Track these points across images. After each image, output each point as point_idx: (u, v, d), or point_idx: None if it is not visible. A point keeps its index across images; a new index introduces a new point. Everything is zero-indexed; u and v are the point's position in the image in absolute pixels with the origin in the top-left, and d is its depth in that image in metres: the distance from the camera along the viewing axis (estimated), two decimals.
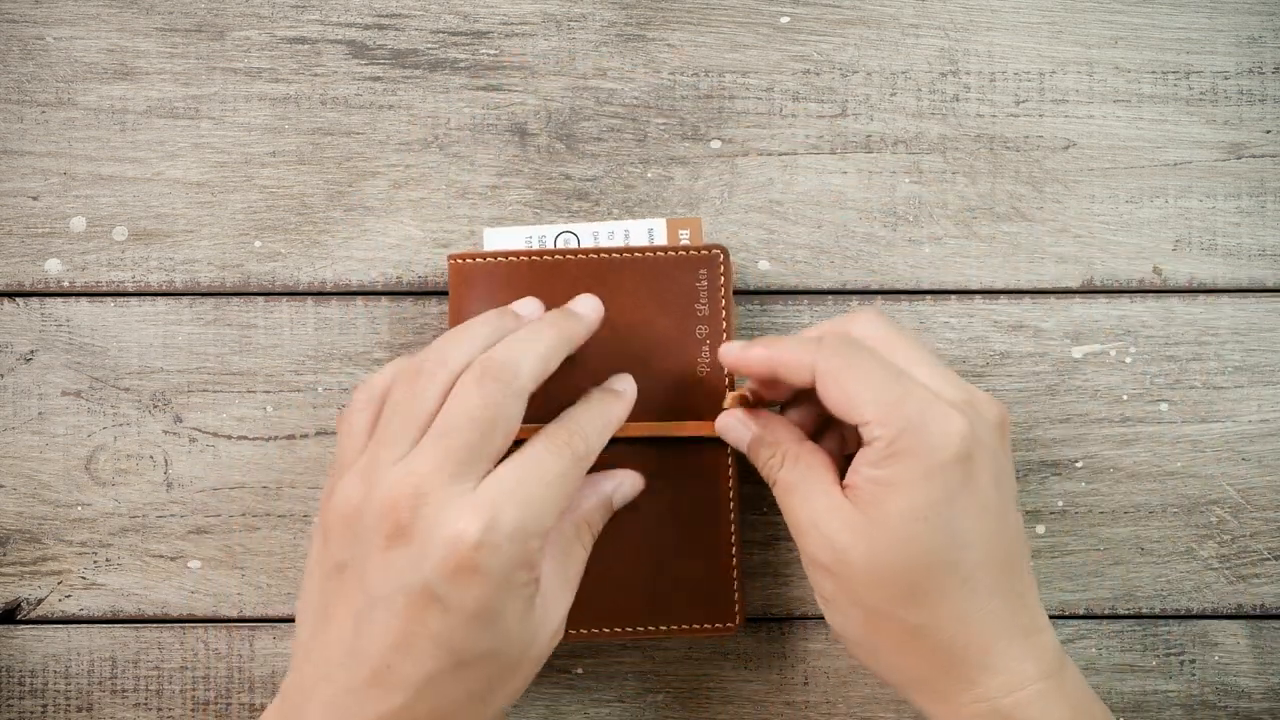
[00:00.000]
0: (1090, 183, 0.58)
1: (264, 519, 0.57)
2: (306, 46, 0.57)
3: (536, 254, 0.54)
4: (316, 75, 0.57)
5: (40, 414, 0.57)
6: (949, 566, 0.46)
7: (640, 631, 0.54)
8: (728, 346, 0.51)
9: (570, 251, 0.54)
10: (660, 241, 0.56)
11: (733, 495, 0.54)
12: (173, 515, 0.57)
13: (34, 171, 0.57)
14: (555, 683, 0.57)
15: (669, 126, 0.58)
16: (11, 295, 0.57)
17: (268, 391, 0.57)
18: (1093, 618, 0.57)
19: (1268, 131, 0.58)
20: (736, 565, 0.54)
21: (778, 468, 0.50)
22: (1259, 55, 0.58)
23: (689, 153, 0.57)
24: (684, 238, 0.56)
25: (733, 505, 0.54)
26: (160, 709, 0.57)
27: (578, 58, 0.58)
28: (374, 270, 0.57)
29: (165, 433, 0.57)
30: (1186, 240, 0.58)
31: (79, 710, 0.57)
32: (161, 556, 0.57)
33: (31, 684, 0.57)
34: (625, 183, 0.57)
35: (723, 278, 0.54)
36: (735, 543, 0.54)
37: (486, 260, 0.54)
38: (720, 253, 0.54)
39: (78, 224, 0.57)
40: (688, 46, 0.58)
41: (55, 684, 0.57)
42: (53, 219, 0.57)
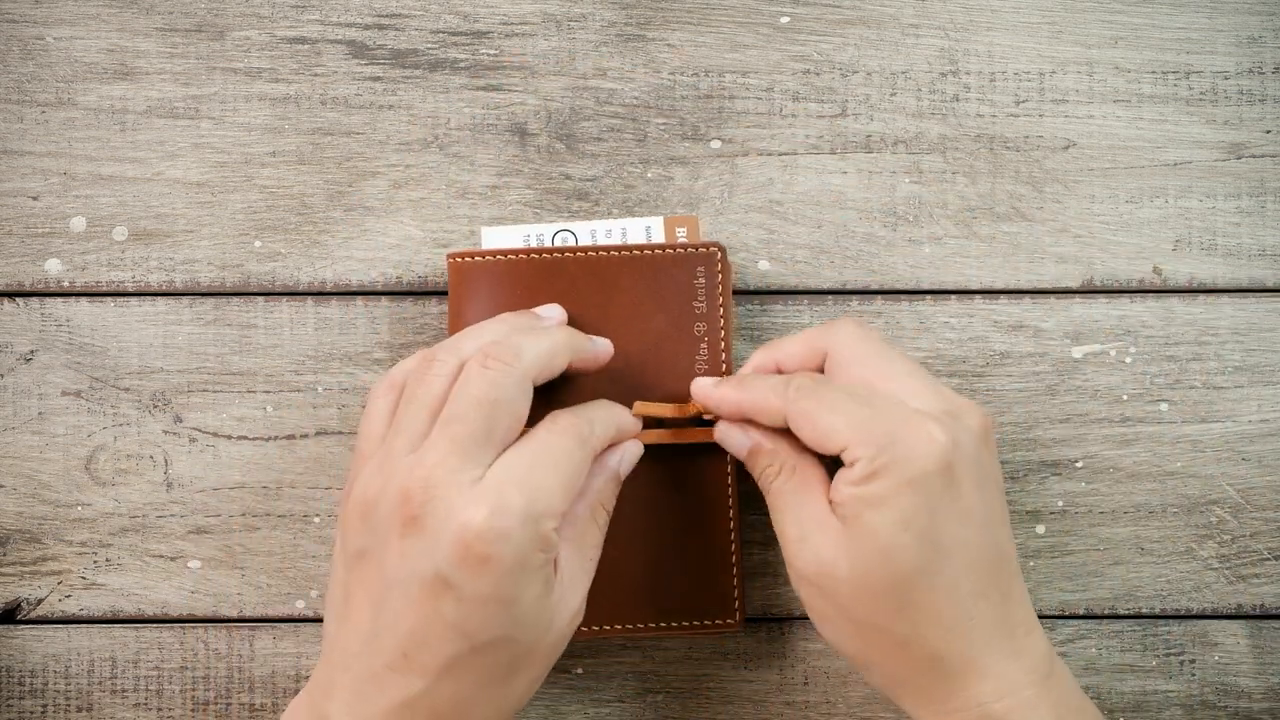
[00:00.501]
0: (1090, 183, 0.58)
1: (264, 519, 0.57)
2: (306, 46, 0.57)
3: (535, 252, 0.54)
4: (316, 75, 0.57)
5: (40, 414, 0.57)
6: (933, 576, 0.47)
7: (641, 630, 0.54)
8: (699, 382, 0.52)
9: (568, 250, 0.54)
10: (658, 239, 0.56)
11: (732, 494, 0.54)
12: (173, 515, 0.57)
13: (34, 171, 0.57)
14: (555, 683, 0.57)
15: (669, 126, 0.58)
16: (11, 295, 0.57)
17: (268, 391, 0.57)
18: (1093, 618, 0.57)
19: (1268, 131, 0.58)
20: (737, 564, 0.54)
21: (773, 478, 0.50)
22: (1259, 55, 0.58)
23: (689, 153, 0.57)
24: (681, 236, 0.56)
25: (732, 504, 0.54)
26: (160, 709, 0.57)
27: (578, 58, 0.58)
28: (374, 270, 0.57)
29: (165, 433, 0.57)
30: (1186, 240, 0.58)
31: (79, 710, 0.57)
32: (161, 556, 0.57)
33: (31, 684, 0.57)
34: (625, 183, 0.57)
35: (720, 275, 0.54)
36: (735, 541, 0.54)
37: (485, 259, 0.54)
38: (718, 250, 0.54)
39: (78, 224, 0.57)
40: (688, 46, 0.58)
41: (55, 684, 0.57)
42: (53, 219, 0.57)
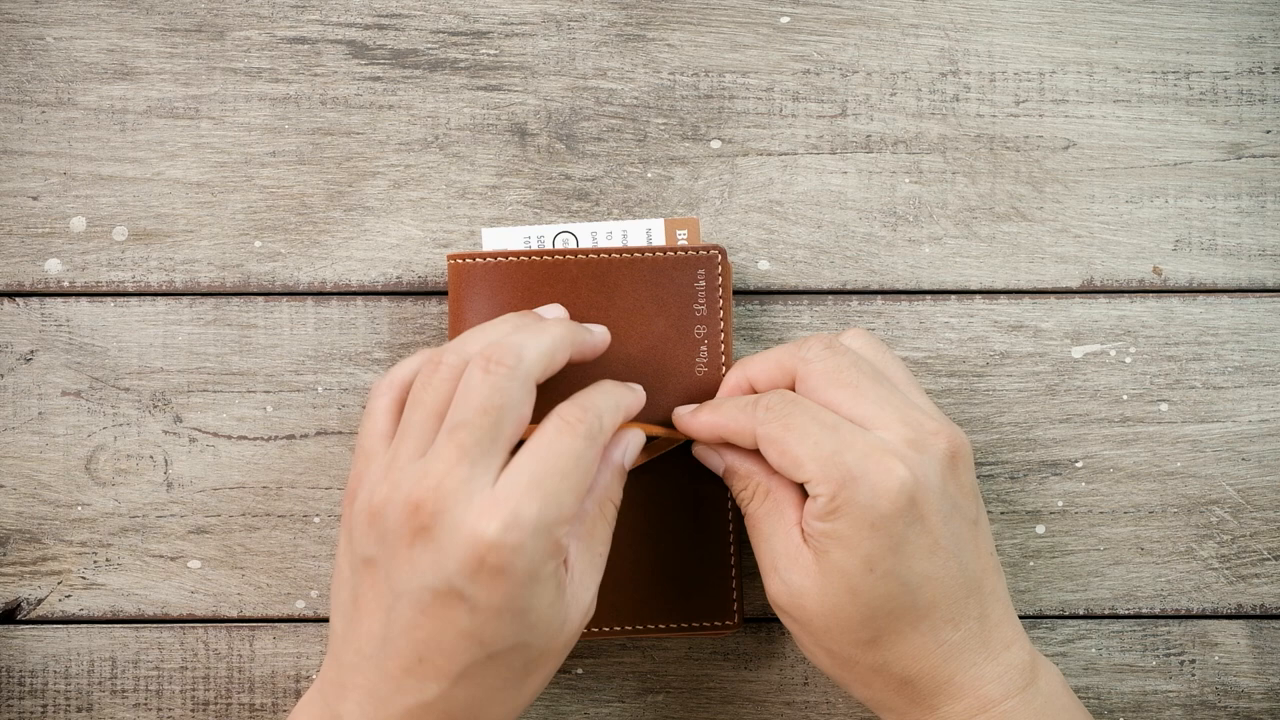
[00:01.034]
0: (1090, 183, 0.58)
1: (264, 519, 0.57)
2: (306, 46, 0.57)
3: (535, 254, 0.54)
4: (316, 75, 0.57)
5: (40, 414, 0.57)
6: (902, 611, 0.47)
7: (641, 631, 0.54)
8: (678, 411, 0.53)
9: (569, 252, 0.54)
10: (658, 242, 0.56)
11: (730, 495, 0.54)
12: (173, 515, 0.57)
13: (34, 171, 0.57)
14: (555, 683, 0.57)
15: (669, 126, 0.58)
16: (11, 295, 0.57)
17: (268, 391, 0.57)
18: (1093, 618, 0.57)
19: (1268, 131, 0.58)
20: (735, 566, 0.54)
21: (748, 500, 0.51)
22: (1259, 55, 0.58)
23: (689, 153, 0.57)
24: (682, 238, 0.56)
25: (731, 505, 0.54)
26: (160, 709, 0.57)
27: (578, 58, 0.58)
28: (374, 270, 0.57)
29: (165, 433, 0.57)
30: (1186, 240, 0.58)
31: (79, 710, 0.57)
32: (161, 556, 0.57)
33: (31, 684, 0.57)
34: (625, 183, 0.57)
35: (721, 278, 0.54)
36: (734, 542, 0.54)
37: (485, 260, 0.54)
38: (718, 253, 0.54)
39: (78, 224, 0.57)
40: (688, 46, 0.58)
41: (55, 684, 0.57)
42: (53, 219, 0.57)
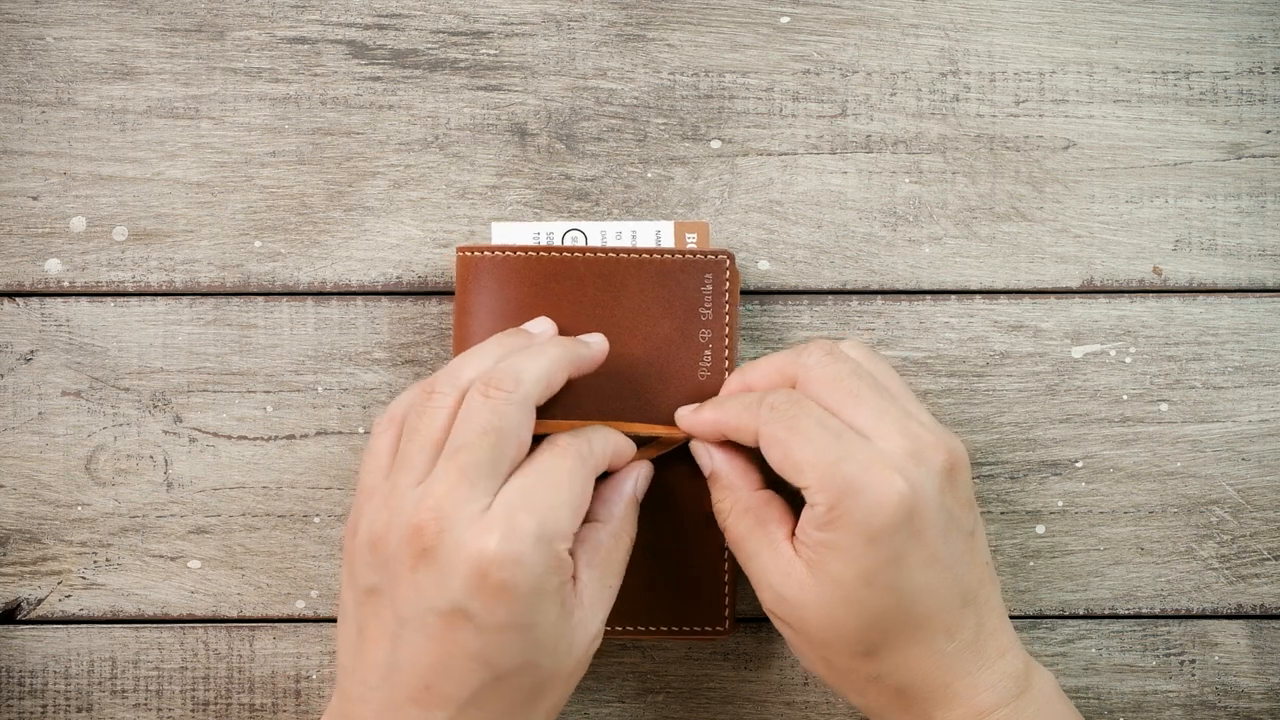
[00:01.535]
0: (1090, 183, 0.58)
1: (264, 519, 0.57)
2: (306, 46, 0.57)
3: (544, 250, 0.54)
4: (316, 75, 0.57)
5: (40, 414, 0.57)
6: (899, 624, 0.48)
7: (633, 633, 0.54)
8: (681, 411, 0.53)
9: (578, 250, 0.54)
10: (667, 244, 0.56)
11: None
12: (173, 515, 0.57)
13: (34, 171, 0.57)
14: None
15: (669, 126, 0.58)
16: (11, 295, 0.57)
17: (268, 391, 0.57)
18: (1093, 618, 0.57)
19: (1268, 131, 0.58)
20: (728, 570, 0.54)
21: (726, 513, 0.51)
22: (1259, 55, 0.58)
23: (689, 153, 0.57)
24: (691, 241, 0.56)
25: None
26: (160, 709, 0.57)
27: (578, 58, 0.58)
28: (374, 270, 0.57)
29: (165, 433, 0.57)
30: (1186, 240, 0.58)
31: (79, 710, 0.57)
32: (161, 556, 0.57)
33: (31, 684, 0.57)
34: (625, 183, 0.57)
35: (728, 282, 0.54)
36: (727, 548, 0.54)
37: (494, 254, 0.54)
38: (726, 258, 0.54)
39: (78, 224, 0.57)
40: (688, 46, 0.58)
41: (55, 684, 0.57)
42: (53, 219, 0.57)
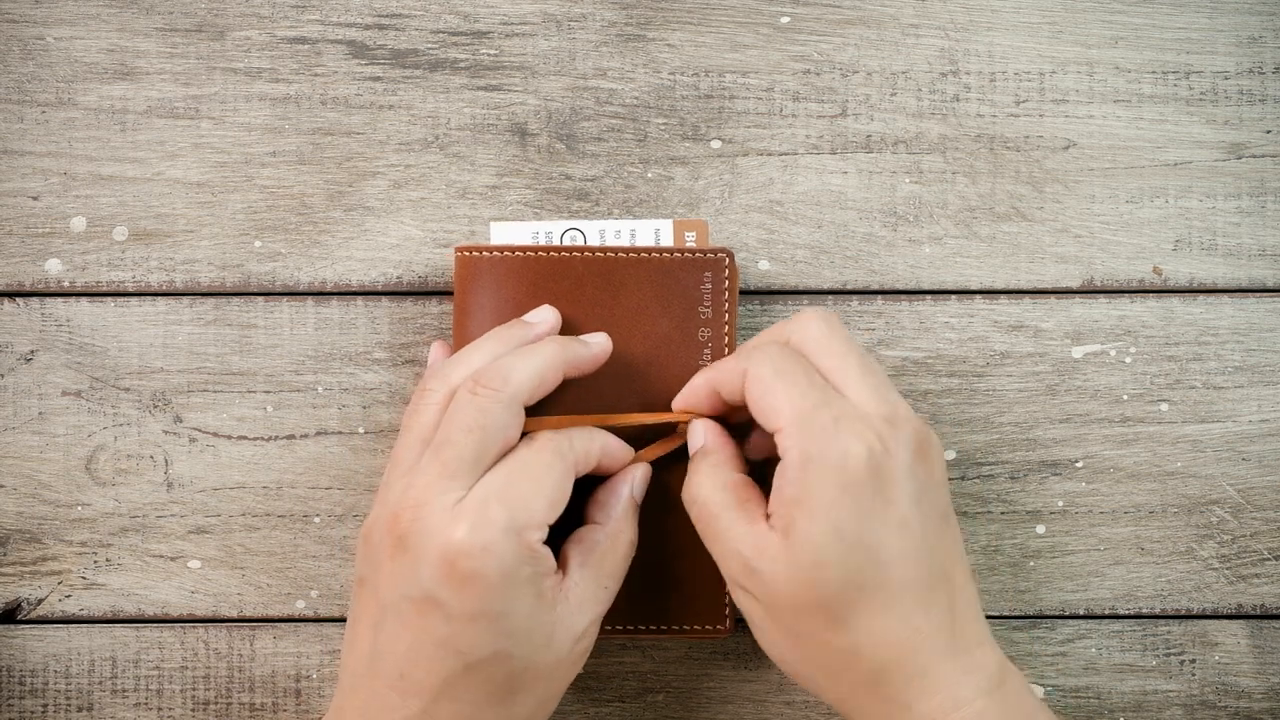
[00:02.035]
0: (1090, 183, 0.58)
1: (264, 519, 0.57)
2: (306, 46, 0.57)
3: (543, 250, 0.54)
4: (316, 75, 0.57)
5: (40, 414, 0.57)
6: (868, 586, 0.46)
7: (633, 631, 0.54)
8: (678, 398, 0.52)
9: (576, 249, 0.54)
10: (666, 243, 0.56)
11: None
12: (173, 515, 0.57)
13: (34, 171, 0.57)
14: None
15: (669, 126, 0.58)
16: (11, 295, 0.57)
17: (268, 391, 0.57)
18: (1093, 618, 0.57)
19: (1268, 131, 0.58)
20: None
21: (707, 489, 0.50)
22: (1259, 55, 0.58)
23: (689, 153, 0.57)
24: (690, 240, 0.56)
25: None
26: (160, 709, 0.57)
27: (578, 58, 0.58)
28: (374, 270, 0.57)
29: (165, 433, 0.57)
30: (1186, 240, 0.58)
31: (79, 710, 0.57)
32: (161, 556, 0.57)
33: (32, 684, 0.57)
34: (625, 183, 0.57)
35: (727, 281, 0.54)
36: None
37: (493, 254, 0.54)
38: (726, 256, 0.54)
39: (78, 224, 0.57)
40: (688, 46, 0.58)
41: (55, 684, 0.57)
42: (53, 219, 0.57)
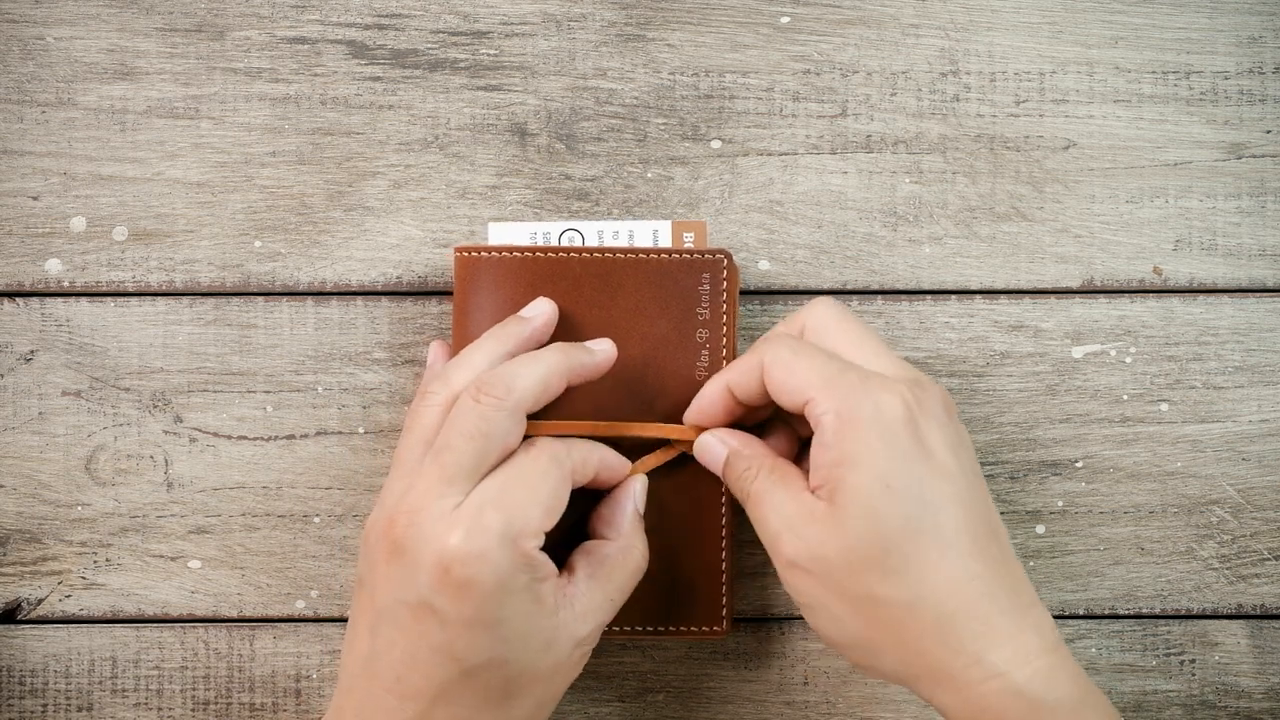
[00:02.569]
0: (1090, 183, 0.58)
1: (264, 519, 0.57)
2: (306, 46, 0.57)
3: (541, 250, 0.54)
4: (316, 75, 0.57)
5: (40, 414, 0.57)
6: (923, 532, 0.45)
7: (630, 632, 0.54)
8: (690, 411, 0.52)
9: (575, 250, 0.54)
10: (665, 243, 0.56)
11: (725, 500, 0.54)
12: (173, 515, 0.57)
13: (34, 171, 0.57)
14: None
15: (669, 126, 0.58)
16: (11, 295, 0.57)
17: (268, 391, 0.57)
18: (1093, 618, 0.57)
19: (1268, 131, 0.58)
20: (726, 570, 0.54)
21: (752, 479, 0.50)
22: (1259, 55, 0.58)
23: (689, 153, 0.57)
24: (688, 241, 0.56)
25: (724, 510, 0.54)
26: (160, 709, 0.57)
27: (578, 58, 0.58)
28: (374, 270, 0.57)
29: (165, 433, 0.57)
30: (1186, 240, 0.58)
31: (79, 710, 0.57)
32: (161, 556, 0.57)
33: (32, 684, 0.57)
34: (625, 183, 0.57)
35: (725, 282, 0.54)
36: (726, 548, 0.54)
37: (491, 254, 0.54)
38: (724, 257, 0.54)
39: (78, 224, 0.57)
40: (688, 46, 0.58)
41: (55, 684, 0.57)
42: (53, 219, 0.57)
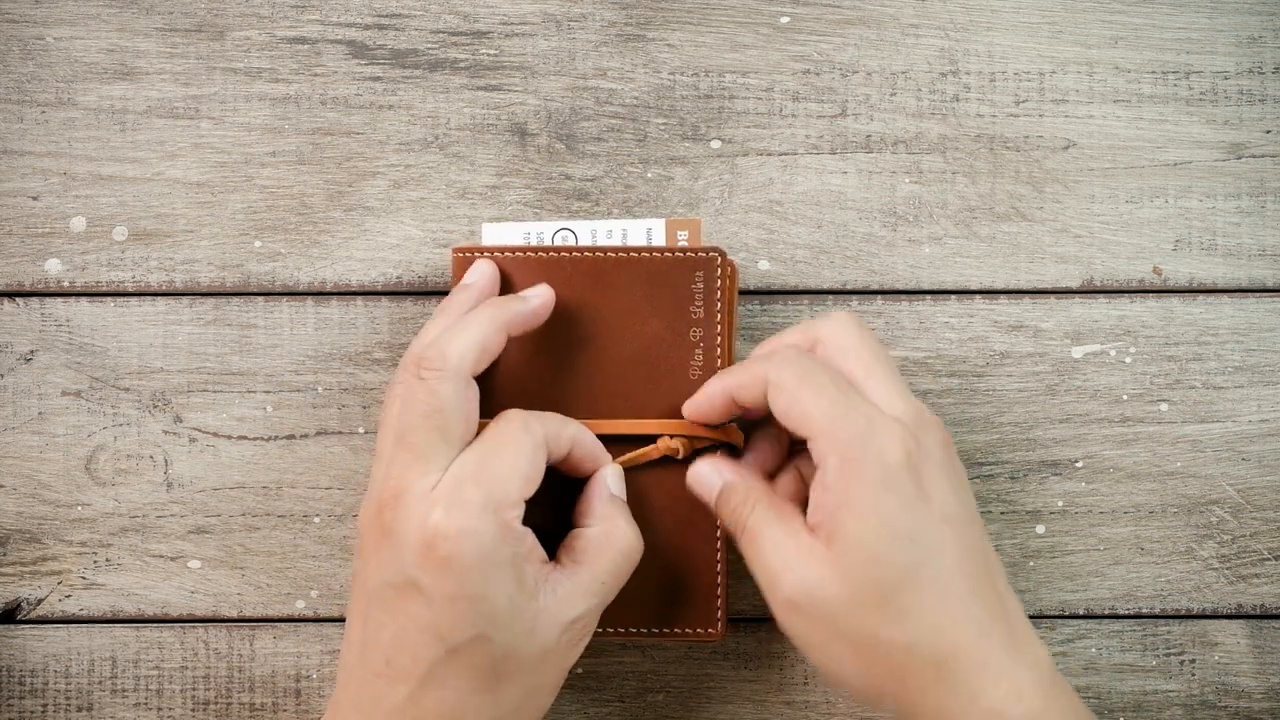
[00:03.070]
0: (1090, 183, 0.58)
1: (264, 519, 0.57)
2: (306, 46, 0.57)
3: (534, 250, 0.54)
4: (316, 75, 0.57)
5: (40, 414, 0.57)
6: (921, 576, 0.46)
7: (624, 634, 0.54)
8: (688, 404, 0.52)
9: (568, 249, 0.54)
10: (659, 242, 0.56)
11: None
12: (173, 515, 0.57)
13: (34, 171, 0.57)
14: None
15: (669, 126, 0.58)
16: (11, 295, 0.57)
17: (268, 391, 0.57)
18: (1093, 618, 0.57)
19: (1268, 131, 0.58)
20: (721, 573, 0.54)
21: (747, 514, 0.49)
22: (1259, 55, 0.58)
23: (689, 153, 0.57)
24: (682, 239, 0.56)
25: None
26: (160, 709, 0.57)
27: (578, 58, 0.58)
28: (374, 270, 0.57)
29: (165, 433, 0.57)
30: (1186, 240, 0.58)
31: (79, 710, 0.57)
32: (161, 556, 0.57)
33: (32, 684, 0.57)
34: (625, 183, 0.57)
35: (719, 280, 0.54)
36: (721, 550, 0.54)
37: (488, 255, 0.54)
38: (717, 255, 0.54)
39: (78, 224, 0.57)
40: (688, 46, 0.58)
41: (55, 684, 0.57)
42: (53, 219, 0.57)
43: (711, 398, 0.52)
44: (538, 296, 0.52)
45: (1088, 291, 0.58)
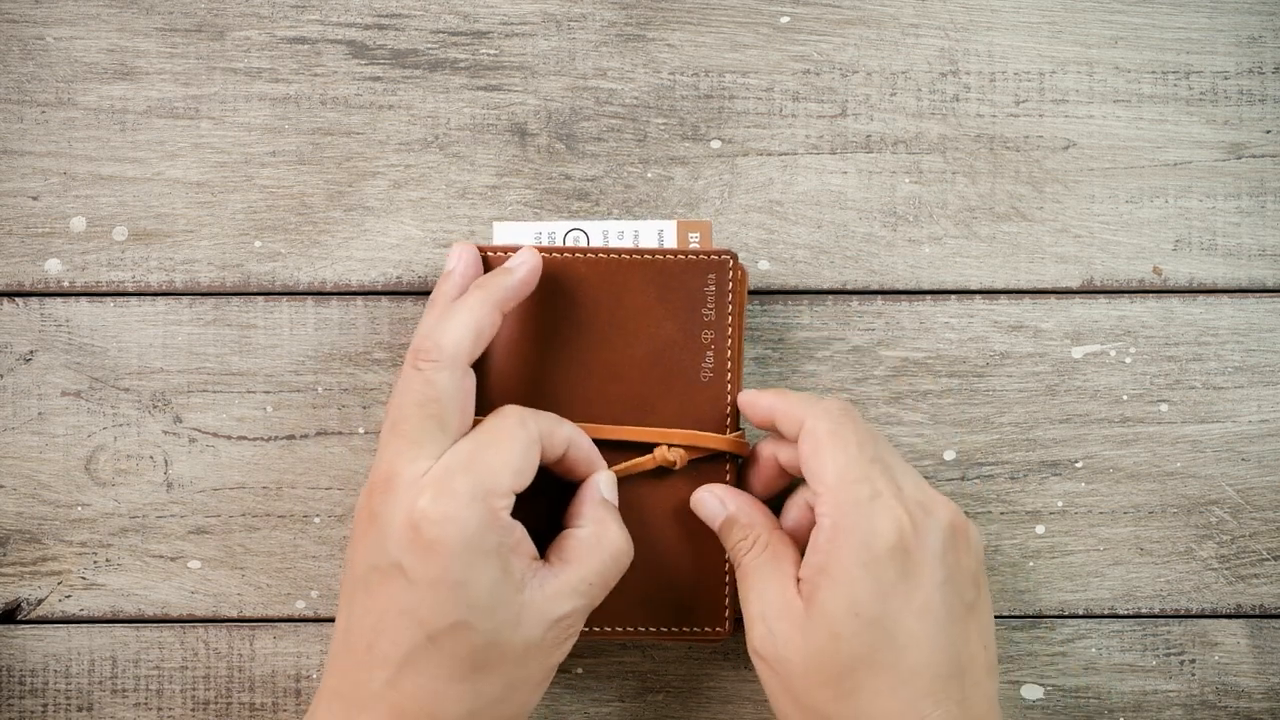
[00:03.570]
0: (1090, 183, 0.58)
1: (264, 519, 0.57)
2: (306, 46, 0.57)
3: (546, 250, 0.54)
4: (316, 75, 0.57)
5: (40, 414, 0.57)
6: (879, 665, 0.46)
7: (631, 633, 0.54)
8: (745, 393, 0.53)
9: (580, 250, 0.54)
10: (670, 243, 0.56)
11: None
12: (173, 515, 0.57)
13: (34, 171, 0.57)
14: (555, 682, 0.57)
15: (669, 126, 0.58)
16: (11, 295, 0.57)
17: (268, 391, 0.57)
18: (1092, 618, 0.57)
19: (1268, 131, 0.58)
20: (729, 572, 0.54)
21: (745, 550, 0.51)
22: (1259, 55, 0.58)
23: (689, 153, 0.57)
24: (694, 241, 0.56)
25: None
26: (160, 709, 0.57)
27: (578, 58, 0.58)
28: (374, 270, 0.57)
29: (165, 433, 0.57)
30: (1186, 240, 0.58)
31: (79, 710, 0.57)
32: (161, 556, 0.57)
33: (32, 684, 0.57)
34: (625, 183, 0.57)
35: (731, 283, 0.54)
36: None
37: (496, 254, 0.54)
38: (730, 258, 0.54)
39: (78, 224, 0.57)
40: (688, 46, 0.58)
41: (56, 684, 0.57)
42: (53, 219, 0.57)
43: (758, 401, 0.52)
44: (523, 264, 0.52)
45: (1088, 291, 0.58)
